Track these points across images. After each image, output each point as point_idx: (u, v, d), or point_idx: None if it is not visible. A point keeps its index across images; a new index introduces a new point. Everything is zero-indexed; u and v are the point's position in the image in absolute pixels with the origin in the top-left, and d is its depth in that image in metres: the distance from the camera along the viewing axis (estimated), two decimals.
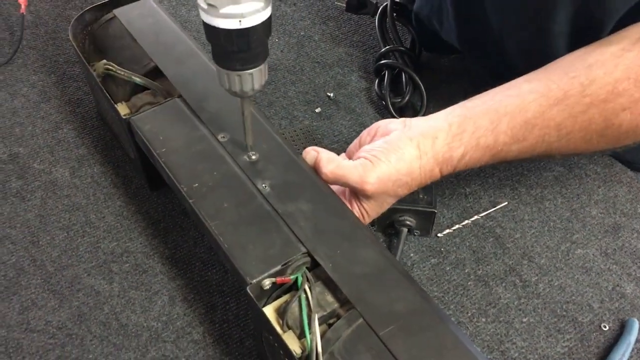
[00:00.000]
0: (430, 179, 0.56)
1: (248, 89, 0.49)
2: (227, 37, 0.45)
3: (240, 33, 0.45)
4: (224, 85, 0.50)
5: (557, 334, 0.59)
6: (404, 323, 0.45)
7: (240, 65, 0.48)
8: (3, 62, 0.83)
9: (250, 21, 0.44)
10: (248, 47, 0.46)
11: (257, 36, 0.45)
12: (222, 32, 0.45)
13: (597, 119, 0.53)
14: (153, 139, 0.57)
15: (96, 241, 0.65)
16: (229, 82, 0.49)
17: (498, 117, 0.54)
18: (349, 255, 0.49)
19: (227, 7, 0.43)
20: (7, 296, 0.61)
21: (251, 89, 0.49)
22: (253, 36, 0.45)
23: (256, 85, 0.49)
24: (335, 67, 0.85)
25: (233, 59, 0.47)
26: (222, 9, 0.43)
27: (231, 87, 0.49)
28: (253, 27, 0.45)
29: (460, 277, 0.63)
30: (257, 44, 0.46)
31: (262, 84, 0.50)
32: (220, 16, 0.44)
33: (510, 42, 0.65)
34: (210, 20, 0.45)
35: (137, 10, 0.70)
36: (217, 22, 0.44)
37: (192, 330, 0.59)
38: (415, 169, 0.54)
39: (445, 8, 0.71)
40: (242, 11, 0.44)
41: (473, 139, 0.54)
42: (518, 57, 0.66)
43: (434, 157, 0.54)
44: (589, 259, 0.64)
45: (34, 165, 0.72)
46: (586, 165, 0.72)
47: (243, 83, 0.49)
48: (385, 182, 0.54)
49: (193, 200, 0.52)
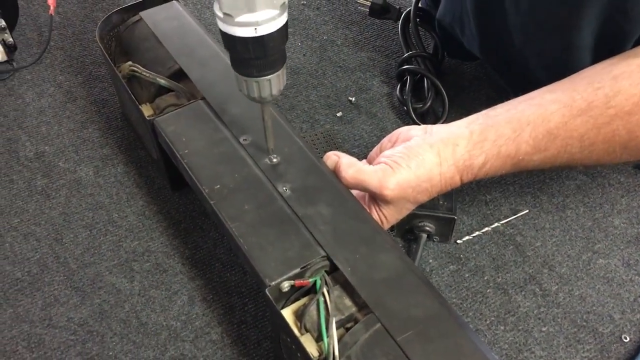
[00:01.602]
0: (451, 186, 0.55)
1: (266, 94, 0.50)
2: (243, 44, 0.46)
3: (256, 41, 0.45)
4: (242, 91, 0.50)
5: (576, 344, 0.58)
6: (422, 329, 0.44)
7: (257, 71, 0.48)
8: (31, 62, 0.85)
9: (266, 29, 0.45)
10: (264, 54, 0.46)
11: (273, 43, 0.46)
12: (238, 40, 0.45)
13: (621, 131, 0.52)
14: (176, 140, 0.58)
15: (118, 240, 0.66)
16: (247, 88, 0.50)
17: (520, 126, 0.54)
18: (368, 259, 0.49)
19: (243, 16, 0.44)
20: (31, 292, 0.62)
21: (269, 95, 0.50)
22: (269, 43, 0.46)
23: (274, 91, 0.50)
24: (357, 71, 0.85)
25: (250, 65, 0.48)
26: (238, 17, 0.44)
27: (249, 94, 0.50)
28: (269, 34, 0.45)
29: (479, 285, 0.62)
30: (274, 50, 0.47)
31: (281, 89, 0.50)
32: (236, 24, 0.44)
33: (532, 54, 0.65)
34: (227, 29, 0.45)
35: (163, 13, 0.71)
36: (233, 30, 0.45)
37: (210, 330, 0.59)
38: (435, 176, 0.54)
39: (466, 18, 0.71)
40: (258, 19, 0.44)
41: (494, 148, 0.54)
42: (540, 69, 0.65)
43: (455, 165, 0.54)
44: (611, 269, 0.63)
45: (59, 164, 0.73)
46: (609, 175, 0.72)
47: (261, 89, 0.49)
48: (404, 188, 0.53)
49: (214, 202, 0.53)
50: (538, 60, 0.65)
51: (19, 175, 0.72)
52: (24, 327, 0.59)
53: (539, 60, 0.65)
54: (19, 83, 0.83)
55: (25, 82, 0.83)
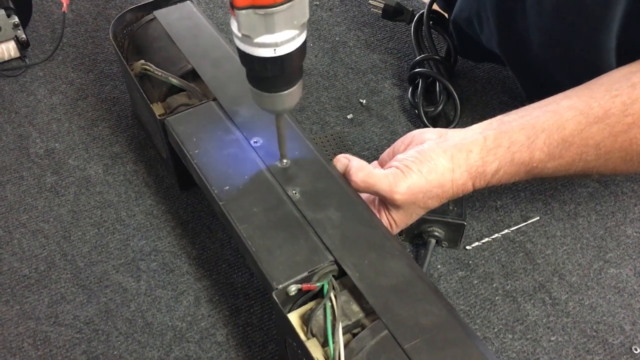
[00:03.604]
0: (462, 192, 0.55)
1: (280, 108, 0.49)
2: (261, 64, 0.45)
3: (274, 60, 0.44)
4: (257, 103, 0.50)
5: (586, 355, 0.57)
6: (430, 337, 0.44)
7: (273, 88, 0.47)
8: (43, 59, 0.85)
9: (285, 49, 0.44)
10: (282, 72, 0.46)
11: (291, 62, 0.45)
12: (256, 60, 0.45)
13: (639, 139, 0.52)
14: (186, 140, 0.58)
15: (126, 239, 0.66)
16: (262, 102, 0.49)
17: (535, 133, 0.53)
18: (376, 265, 0.48)
19: (262, 37, 0.43)
20: (38, 289, 0.62)
21: (283, 109, 0.49)
22: (287, 62, 0.45)
23: (288, 105, 0.49)
24: (368, 73, 0.84)
25: (267, 82, 0.47)
26: (257, 38, 0.43)
27: (264, 107, 0.50)
28: (288, 54, 0.44)
29: (487, 292, 0.62)
30: (292, 68, 0.46)
31: (296, 102, 0.50)
32: (254, 45, 0.43)
33: (555, 55, 0.64)
34: (245, 48, 0.44)
35: (177, 12, 0.71)
36: (251, 50, 0.44)
37: (215, 331, 0.59)
38: (447, 182, 0.53)
39: (485, 16, 0.70)
40: (277, 40, 0.43)
41: (508, 154, 0.53)
42: (561, 71, 0.64)
43: (468, 171, 0.53)
44: (622, 279, 0.63)
45: (69, 161, 0.73)
46: (622, 183, 0.71)
47: (275, 103, 0.49)
48: (415, 192, 0.53)
49: (223, 203, 0.52)
50: (560, 62, 0.64)
51: (28, 172, 0.72)
52: (30, 324, 0.59)
53: (561, 62, 0.64)
54: (31, 80, 0.83)
55: (37, 79, 0.83)
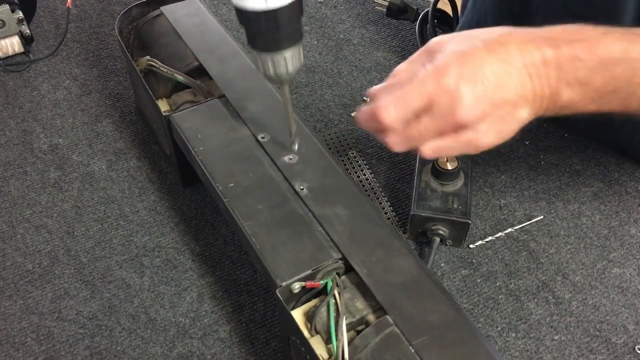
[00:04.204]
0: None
1: (282, 72, 0.49)
2: (255, 18, 0.46)
3: (267, 14, 0.45)
4: (259, 69, 0.50)
5: (589, 354, 0.57)
6: (438, 334, 0.44)
7: (271, 47, 0.48)
8: (47, 54, 0.85)
9: (277, 2, 0.45)
10: (277, 28, 0.46)
11: (285, 17, 0.46)
12: (249, 14, 0.45)
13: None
14: (191, 136, 0.58)
15: (129, 234, 0.66)
16: (263, 65, 0.49)
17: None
18: (384, 262, 0.48)
19: None
20: (41, 284, 0.62)
21: (285, 73, 0.49)
22: (281, 17, 0.46)
23: (290, 68, 0.49)
24: (372, 71, 0.84)
25: (264, 40, 0.48)
26: None
27: (265, 72, 0.50)
28: (280, 8, 0.45)
29: (491, 290, 0.62)
30: (287, 25, 0.47)
31: (298, 68, 0.50)
32: None
33: None
34: (238, 2, 0.45)
35: (184, 9, 0.71)
36: (243, 2, 0.45)
37: (219, 328, 0.59)
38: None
39: (485, 26, 0.70)
40: None
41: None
42: None
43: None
44: (626, 279, 0.62)
45: (73, 157, 0.73)
46: (627, 182, 0.71)
47: (276, 66, 0.49)
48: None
49: (228, 200, 0.52)
50: None
51: (32, 167, 0.72)
52: (34, 319, 0.59)
53: None
54: (35, 75, 0.83)
55: (41, 74, 0.83)
